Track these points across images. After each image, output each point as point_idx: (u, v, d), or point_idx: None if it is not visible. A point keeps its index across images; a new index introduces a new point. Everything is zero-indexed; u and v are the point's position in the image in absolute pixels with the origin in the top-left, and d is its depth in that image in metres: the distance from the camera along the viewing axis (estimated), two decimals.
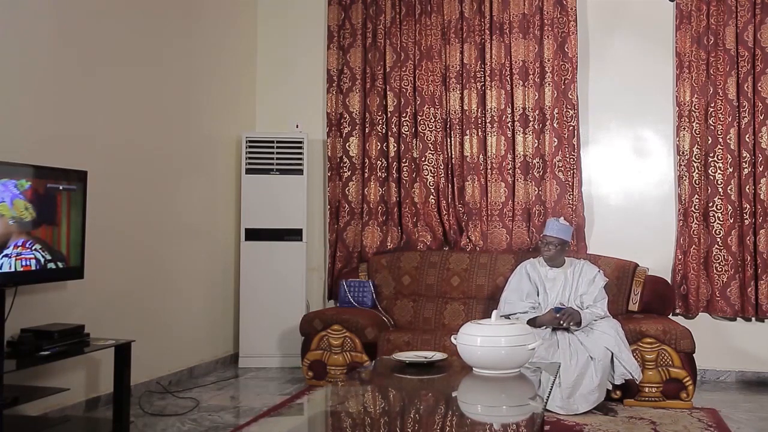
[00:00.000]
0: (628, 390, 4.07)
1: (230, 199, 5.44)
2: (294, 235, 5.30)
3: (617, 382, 4.00)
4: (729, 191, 4.74)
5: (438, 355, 3.14)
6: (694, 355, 4.10)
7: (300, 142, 5.29)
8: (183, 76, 4.90)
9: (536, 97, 5.06)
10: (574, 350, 3.96)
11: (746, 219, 4.71)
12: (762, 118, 4.70)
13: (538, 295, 4.30)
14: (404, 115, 5.32)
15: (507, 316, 4.15)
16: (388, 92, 5.37)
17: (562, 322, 4.02)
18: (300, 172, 5.29)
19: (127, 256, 4.29)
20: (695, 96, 4.82)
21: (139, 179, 4.42)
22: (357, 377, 3.27)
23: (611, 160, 5.08)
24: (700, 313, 4.83)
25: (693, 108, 4.82)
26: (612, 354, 3.94)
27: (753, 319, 4.77)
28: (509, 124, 5.11)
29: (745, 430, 3.71)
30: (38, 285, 3.51)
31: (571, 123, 5.00)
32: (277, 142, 5.30)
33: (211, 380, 4.86)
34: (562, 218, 4.44)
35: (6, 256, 3.10)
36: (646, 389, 4.06)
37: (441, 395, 2.89)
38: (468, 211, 5.20)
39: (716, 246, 4.75)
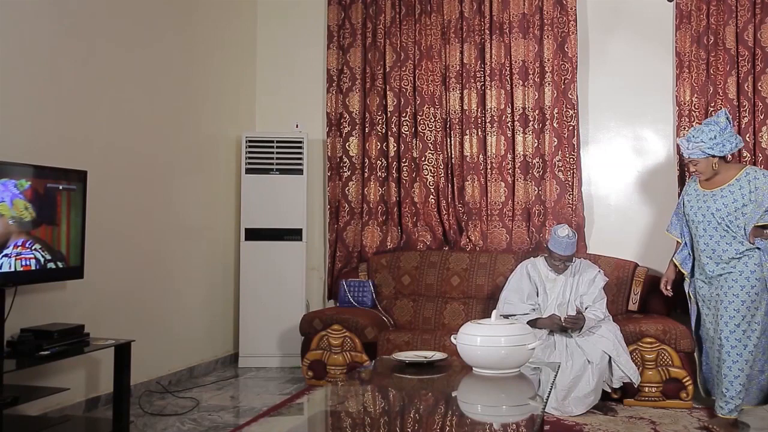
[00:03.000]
0: (628, 390, 4.07)
1: (230, 199, 5.45)
2: (294, 234, 5.30)
3: (615, 386, 4.00)
4: None
5: (438, 355, 3.14)
6: (694, 354, 4.10)
7: (300, 142, 5.29)
8: (183, 76, 4.90)
9: (536, 97, 5.06)
10: (570, 353, 3.96)
11: None
12: (762, 117, 4.70)
13: (537, 295, 4.29)
14: (404, 115, 5.32)
15: (506, 316, 4.14)
16: (388, 92, 5.37)
17: (564, 324, 4.02)
18: (300, 171, 5.29)
19: (127, 256, 4.29)
20: (695, 96, 4.81)
21: (139, 179, 4.42)
22: (357, 377, 3.27)
23: (611, 160, 5.08)
24: None
25: (693, 108, 4.81)
26: (610, 357, 3.94)
27: None
28: (509, 124, 5.11)
29: (745, 430, 3.71)
30: (38, 285, 3.51)
31: (571, 123, 5.00)
32: (277, 142, 5.30)
33: (211, 380, 4.86)
34: (567, 229, 4.23)
35: (6, 255, 3.10)
36: (646, 389, 4.06)
37: (441, 395, 2.89)
38: (468, 211, 5.20)
39: None
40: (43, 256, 3.29)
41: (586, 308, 4.14)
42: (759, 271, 3.63)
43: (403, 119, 5.33)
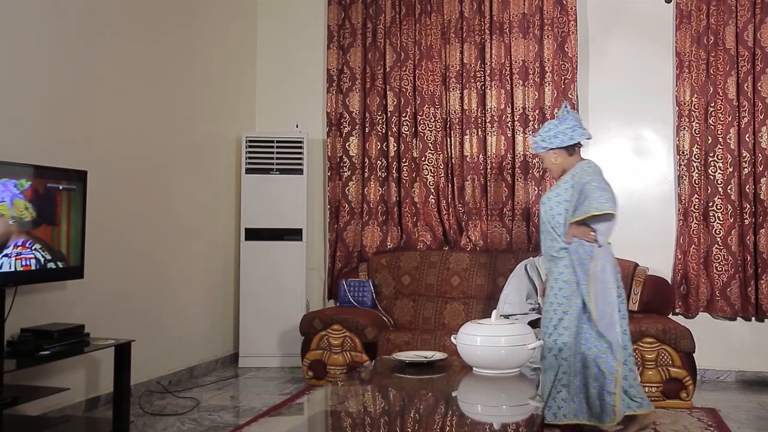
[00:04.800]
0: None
1: (230, 199, 5.44)
2: (294, 235, 5.30)
3: None
4: (729, 191, 4.74)
5: (438, 355, 3.14)
6: (694, 354, 4.10)
7: (300, 142, 5.29)
8: (183, 76, 4.90)
9: (536, 97, 5.06)
10: None
11: (746, 219, 4.71)
12: (762, 117, 4.70)
13: (537, 294, 4.29)
14: (404, 115, 5.32)
15: (506, 316, 4.14)
16: (388, 92, 5.37)
17: None
18: (300, 171, 5.29)
19: (127, 256, 4.29)
20: (695, 96, 4.82)
21: (139, 179, 4.42)
22: (357, 377, 3.27)
23: (611, 159, 5.07)
24: (700, 313, 4.83)
25: (693, 108, 4.82)
26: None
27: (753, 319, 4.76)
28: (509, 124, 5.11)
29: (745, 430, 3.71)
30: (38, 285, 3.51)
31: None
32: (277, 141, 5.30)
33: (211, 380, 4.86)
34: None
35: (6, 255, 3.10)
36: (646, 389, 4.05)
37: (441, 395, 2.89)
38: (468, 210, 5.20)
39: (716, 246, 4.75)
40: (43, 256, 3.29)
41: None
42: (567, 273, 3.39)
43: (403, 119, 5.33)
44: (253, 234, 5.27)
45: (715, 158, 4.78)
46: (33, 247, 3.24)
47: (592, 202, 3.29)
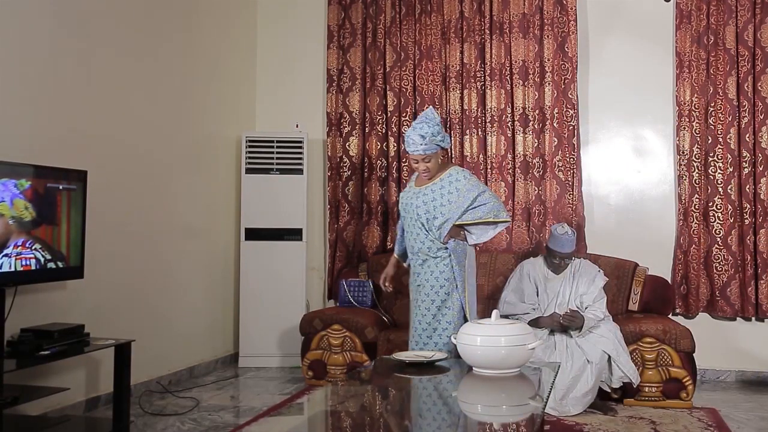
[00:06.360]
0: (628, 390, 4.07)
1: (230, 199, 5.45)
2: (294, 234, 5.30)
3: (615, 386, 3.99)
4: (729, 191, 4.74)
5: (438, 355, 3.15)
6: (694, 354, 4.10)
7: (300, 142, 5.29)
8: (183, 76, 4.90)
9: (536, 97, 5.06)
10: (570, 353, 3.95)
11: (746, 219, 4.71)
12: (762, 117, 4.70)
13: (537, 295, 4.29)
14: (404, 114, 5.32)
15: (506, 317, 4.13)
16: (388, 92, 5.37)
17: (562, 320, 4.02)
18: (300, 171, 5.29)
19: (127, 256, 4.29)
20: (695, 95, 4.82)
21: (139, 179, 4.42)
22: (357, 377, 3.27)
23: (611, 159, 5.08)
24: (700, 313, 4.83)
25: (693, 108, 4.82)
26: (609, 357, 3.93)
27: (753, 319, 4.77)
28: (509, 124, 5.11)
29: (745, 430, 3.71)
30: (38, 285, 3.51)
31: (571, 123, 5.00)
32: (277, 141, 5.30)
33: (211, 380, 4.86)
34: (566, 226, 4.26)
35: (6, 255, 3.10)
36: (646, 389, 4.06)
37: (441, 395, 2.89)
38: None
39: (716, 246, 4.75)
40: (43, 256, 3.29)
41: (585, 308, 4.14)
42: (448, 272, 3.63)
43: (403, 119, 5.33)
44: (253, 234, 5.27)
45: (715, 158, 4.78)
46: (33, 247, 3.24)
47: (492, 209, 3.63)
